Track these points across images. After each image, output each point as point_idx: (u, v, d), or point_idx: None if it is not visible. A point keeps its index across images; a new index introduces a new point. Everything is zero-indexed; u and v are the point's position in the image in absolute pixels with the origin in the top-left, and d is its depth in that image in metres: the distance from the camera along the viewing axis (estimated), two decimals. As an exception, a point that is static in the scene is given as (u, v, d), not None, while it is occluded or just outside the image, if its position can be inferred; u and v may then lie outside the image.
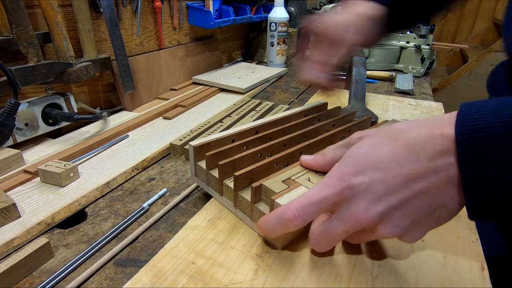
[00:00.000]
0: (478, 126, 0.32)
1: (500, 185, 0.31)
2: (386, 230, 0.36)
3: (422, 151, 0.35)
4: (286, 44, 1.48)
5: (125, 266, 0.46)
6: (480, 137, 0.31)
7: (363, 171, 0.37)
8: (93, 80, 0.95)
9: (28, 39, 0.70)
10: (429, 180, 0.35)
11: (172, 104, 1.03)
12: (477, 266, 0.44)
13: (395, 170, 0.36)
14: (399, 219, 0.36)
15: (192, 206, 0.58)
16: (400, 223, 0.36)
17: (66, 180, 0.62)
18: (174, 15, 1.17)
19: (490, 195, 0.32)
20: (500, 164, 0.31)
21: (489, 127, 0.31)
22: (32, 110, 0.75)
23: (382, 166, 0.36)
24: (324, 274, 0.43)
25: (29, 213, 0.54)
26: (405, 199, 0.35)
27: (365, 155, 0.38)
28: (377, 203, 0.36)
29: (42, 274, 0.45)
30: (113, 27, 0.91)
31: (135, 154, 0.74)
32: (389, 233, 0.36)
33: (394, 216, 0.36)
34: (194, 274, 0.42)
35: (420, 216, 0.36)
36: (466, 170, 0.33)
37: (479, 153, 0.31)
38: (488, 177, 0.31)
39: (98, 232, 0.52)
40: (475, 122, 0.32)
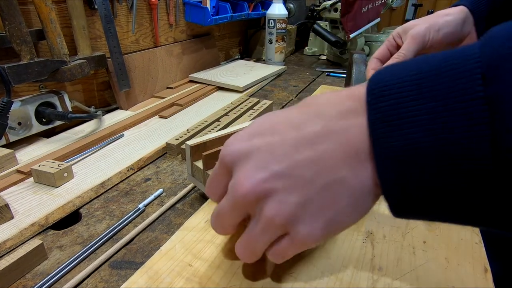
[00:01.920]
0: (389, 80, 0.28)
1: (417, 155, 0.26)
2: (272, 207, 0.30)
3: (323, 113, 0.31)
4: (284, 42, 1.48)
5: (120, 268, 0.46)
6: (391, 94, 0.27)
7: (252, 136, 0.33)
8: (87, 78, 0.95)
9: (21, 36, 0.70)
10: (322, 145, 0.30)
11: (168, 103, 1.03)
12: (480, 268, 0.44)
13: (289, 134, 0.31)
14: (285, 193, 0.30)
15: (189, 207, 0.58)
16: (287, 199, 0.30)
17: (60, 180, 0.62)
18: (171, 12, 1.17)
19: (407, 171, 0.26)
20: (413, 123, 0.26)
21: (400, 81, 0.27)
22: (25, 109, 0.75)
23: (274, 130, 0.32)
24: (324, 276, 0.43)
25: (22, 214, 0.54)
26: (291, 166, 0.30)
27: (260, 121, 0.34)
28: (260, 170, 0.31)
29: (35, 277, 0.45)
30: (108, 24, 0.91)
31: (131, 154, 0.74)
32: (276, 212, 0.30)
33: (280, 189, 0.30)
34: (191, 276, 0.42)
35: (311, 193, 0.30)
36: (376, 135, 0.27)
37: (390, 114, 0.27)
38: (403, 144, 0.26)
39: (93, 233, 0.52)
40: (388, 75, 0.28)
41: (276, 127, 0.32)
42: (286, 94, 1.17)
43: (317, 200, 0.30)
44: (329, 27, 1.57)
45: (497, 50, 0.24)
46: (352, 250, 0.47)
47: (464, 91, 0.24)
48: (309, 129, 0.31)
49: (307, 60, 1.69)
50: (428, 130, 0.25)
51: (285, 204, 0.30)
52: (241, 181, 0.31)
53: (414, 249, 0.47)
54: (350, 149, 0.29)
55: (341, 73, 1.42)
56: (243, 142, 0.33)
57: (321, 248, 0.47)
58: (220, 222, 0.37)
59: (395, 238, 0.49)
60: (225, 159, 0.34)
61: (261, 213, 0.31)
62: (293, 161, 0.30)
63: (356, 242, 0.48)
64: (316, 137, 0.30)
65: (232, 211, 0.34)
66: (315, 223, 0.31)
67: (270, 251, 0.34)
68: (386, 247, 0.47)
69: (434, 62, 0.26)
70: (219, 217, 0.36)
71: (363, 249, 0.47)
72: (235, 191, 0.32)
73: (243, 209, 0.33)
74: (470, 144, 0.24)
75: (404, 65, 0.28)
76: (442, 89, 0.25)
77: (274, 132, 0.32)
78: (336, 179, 0.30)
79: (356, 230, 0.50)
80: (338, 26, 1.51)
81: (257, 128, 0.34)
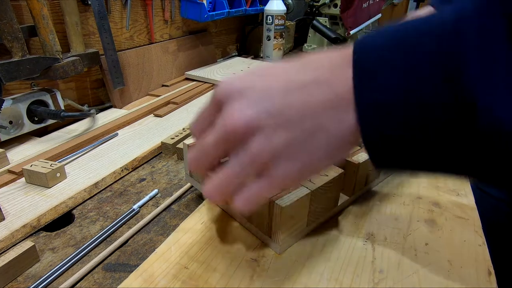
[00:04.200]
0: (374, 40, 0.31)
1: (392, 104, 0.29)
2: (258, 143, 0.32)
3: (315, 66, 0.34)
4: (283, 38, 1.48)
5: (114, 270, 0.46)
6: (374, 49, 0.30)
7: (246, 78, 0.35)
8: (80, 76, 0.95)
9: (12, 32, 0.70)
10: (311, 91, 0.33)
11: (163, 101, 1.02)
12: (484, 271, 0.44)
13: (282, 79, 0.34)
14: (273, 131, 0.32)
15: (185, 208, 0.58)
16: (274, 136, 0.32)
17: (53, 180, 0.62)
18: (166, 8, 1.17)
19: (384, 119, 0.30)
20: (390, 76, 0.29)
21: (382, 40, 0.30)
22: (17, 107, 0.75)
23: (268, 74, 0.35)
24: (323, 279, 0.43)
25: (13, 215, 0.54)
26: (281, 107, 0.33)
27: (256, 68, 0.37)
28: (252, 106, 0.33)
29: (27, 279, 0.45)
30: (101, 20, 0.91)
31: (125, 154, 0.73)
32: (262, 147, 0.32)
33: (268, 126, 0.32)
34: (187, 279, 0.42)
35: (296, 134, 0.32)
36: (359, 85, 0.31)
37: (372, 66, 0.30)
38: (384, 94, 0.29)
39: (86, 235, 0.52)
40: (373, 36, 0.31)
41: (271, 72, 0.35)
42: (284, 92, 1.17)
43: (300, 141, 0.33)
44: (328, 23, 1.57)
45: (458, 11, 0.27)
46: (352, 252, 0.47)
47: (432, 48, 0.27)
48: (302, 77, 0.33)
49: (306, 57, 1.69)
50: (401, 83, 0.28)
51: (271, 141, 0.32)
52: (232, 114, 0.33)
53: (416, 251, 0.47)
54: (336, 97, 0.32)
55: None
56: (238, 80, 0.35)
57: (321, 250, 0.47)
58: (200, 157, 0.37)
59: (396, 240, 0.49)
60: (218, 94, 0.35)
61: (247, 148, 0.33)
62: (284, 102, 0.33)
63: (357, 244, 0.48)
64: (307, 84, 0.33)
65: (217, 144, 0.35)
66: (294, 164, 0.33)
67: (241, 195, 0.35)
68: (387, 249, 0.47)
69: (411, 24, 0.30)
70: (200, 150, 0.37)
71: (364, 251, 0.47)
72: (225, 123, 0.33)
73: (227, 143, 0.34)
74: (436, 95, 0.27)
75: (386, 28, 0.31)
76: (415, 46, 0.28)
77: (269, 76, 0.35)
78: (320, 124, 0.32)
79: (356, 231, 0.50)
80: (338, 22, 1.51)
81: (252, 72, 0.36)
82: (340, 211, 0.55)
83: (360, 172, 0.54)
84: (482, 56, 0.25)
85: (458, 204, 0.57)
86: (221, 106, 0.35)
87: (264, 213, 0.45)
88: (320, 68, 0.34)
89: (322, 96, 0.32)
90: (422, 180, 0.63)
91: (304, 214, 0.47)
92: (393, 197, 0.58)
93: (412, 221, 0.53)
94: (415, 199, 0.58)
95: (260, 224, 0.47)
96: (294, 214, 0.45)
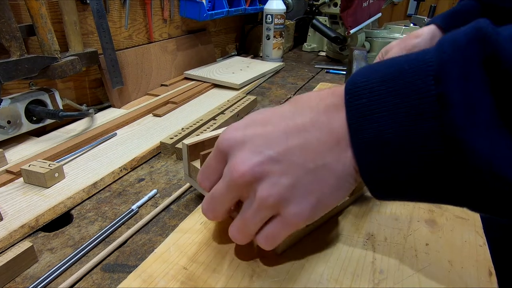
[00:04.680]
0: (363, 82, 0.33)
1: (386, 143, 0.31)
2: (265, 188, 0.35)
3: (311, 107, 0.36)
4: (282, 37, 1.48)
5: (113, 271, 0.46)
6: (364, 92, 0.32)
7: (247, 127, 0.38)
8: (79, 75, 0.95)
9: (10, 32, 0.69)
10: (310, 134, 0.35)
11: (162, 101, 1.02)
12: (485, 272, 0.44)
13: (281, 124, 0.36)
14: (278, 175, 0.35)
15: (184, 208, 0.58)
16: (279, 181, 0.35)
17: (51, 180, 0.62)
18: (165, 7, 1.17)
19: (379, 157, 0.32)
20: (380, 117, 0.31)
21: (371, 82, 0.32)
22: (15, 107, 0.75)
23: (267, 122, 0.37)
24: (323, 279, 0.43)
25: (11, 216, 0.54)
26: (284, 152, 0.35)
27: (254, 115, 0.39)
28: (256, 154, 0.35)
29: (25, 280, 0.44)
30: (100, 20, 0.91)
31: (124, 154, 0.73)
32: (268, 193, 0.35)
33: (273, 172, 0.35)
34: (186, 280, 0.42)
35: (300, 175, 0.35)
36: (353, 128, 0.33)
37: (363, 110, 0.32)
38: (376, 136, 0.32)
39: (85, 235, 0.52)
40: (362, 77, 0.33)
41: (269, 119, 0.37)
42: (284, 92, 1.17)
43: (305, 182, 0.35)
44: (328, 22, 1.57)
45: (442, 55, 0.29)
46: (352, 253, 0.47)
47: (419, 90, 0.30)
48: (299, 120, 0.36)
49: (306, 57, 1.69)
50: (392, 123, 0.31)
51: (277, 185, 0.35)
52: (238, 164, 0.35)
53: (416, 251, 0.47)
54: (334, 138, 0.34)
55: (341, 70, 1.42)
56: (238, 131, 0.37)
57: (320, 250, 0.47)
58: (213, 206, 0.40)
59: (396, 240, 0.49)
60: (221, 146, 0.38)
61: (255, 194, 0.36)
62: (285, 147, 0.35)
63: (357, 245, 0.48)
64: (305, 127, 0.35)
65: (227, 193, 0.38)
66: (304, 204, 0.35)
67: (261, 234, 0.38)
68: (387, 250, 0.47)
69: (399, 64, 0.32)
70: (213, 201, 0.40)
71: (364, 252, 0.47)
72: (232, 173, 0.36)
73: (237, 191, 0.37)
74: (425, 134, 0.29)
75: (375, 67, 0.34)
76: (403, 88, 0.31)
77: (267, 123, 0.37)
78: (322, 164, 0.35)
79: (356, 232, 0.50)
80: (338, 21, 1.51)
81: (251, 120, 0.38)
82: (340, 211, 0.55)
83: (360, 172, 0.54)
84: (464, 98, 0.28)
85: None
86: (226, 157, 0.38)
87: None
88: (315, 110, 0.36)
89: (320, 137, 0.35)
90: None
91: (304, 214, 0.47)
92: (393, 197, 0.58)
93: (412, 222, 0.53)
94: (415, 199, 0.58)
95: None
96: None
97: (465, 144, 0.28)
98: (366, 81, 0.33)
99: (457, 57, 0.29)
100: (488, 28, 0.28)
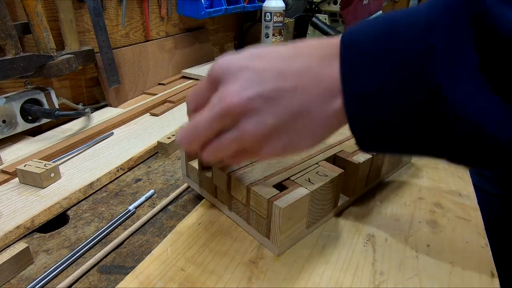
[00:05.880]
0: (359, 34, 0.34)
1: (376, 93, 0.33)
2: (251, 123, 0.36)
3: (307, 54, 0.37)
4: (282, 36, 1.48)
5: (109, 273, 0.46)
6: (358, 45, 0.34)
7: (243, 58, 0.38)
8: (75, 74, 0.95)
9: (5, 30, 0.69)
10: (303, 78, 0.36)
11: (160, 100, 1.02)
12: (487, 273, 0.44)
13: (276, 63, 0.37)
14: (265, 113, 0.36)
15: (182, 209, 0.58)
16: (265, 119, 0.36)
17: (47, 181, 0.62)
18: (162, 5, 1.17)
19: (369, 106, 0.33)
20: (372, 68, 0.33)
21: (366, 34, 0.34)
22: (10, 106, 0.75)
23: (264, 58, 0.38)
24: (323, 281, 0.43)
25: (7, 216, 0.54)
26: (274, 91, 0.36)
27: (253, 50, 0.40)
28: (247, 88, 0.36)
29: (21, 282, 0.44)
30: (97, 17, 0.91)
31: (120, 153, 0.73)
32: (253, 128, 0.36)
33: (261, 109, 0.36)
34: (184, 281, 0.42)
35: (285, 116, 0.36)
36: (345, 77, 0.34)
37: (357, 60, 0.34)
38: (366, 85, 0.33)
39: (81, 236, 0.52)
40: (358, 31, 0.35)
41: (267, 56, 0.38)
42: (283, 91, 1.17)
43: (287, 124, 0.36)
44: (328, 20, 1.57)
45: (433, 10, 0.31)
46: (352, 254, 0.47)
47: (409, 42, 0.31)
48: (294, 65, 0.37)
49: (306, 55, 1.69)
50: (383, 73, 0.32)
51: (263, 123, 0.36)
52: (229, 94, 0.36)
53: (417, 253, 0.47)
54: (324, 87, 0.36)
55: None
56: (234, 60, 0.38)
57: (320, 251, 0.47)
58: (193, 134, 0.40)
59: (397, 241, 0.49)
60: (215, 72, 0.39)
61: (240, 126, 0.37)
62: (277, 86, 0.36)
63: (357, 246, 0.48)
64: (299, 72, 0.36)
65: (212, 121, 0.38)
66: (279, 143, 0.37)
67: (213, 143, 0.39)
68: (388, 251, 0.47)
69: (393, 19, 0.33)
70: (194, 128, 0.39)
71: (364, 253, 0.47)
72: (221, 102, 0.36)
73: (222, 121, 0.37)
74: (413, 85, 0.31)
75: (371, 22, 0.35)
76: (395, 40, 0.32)
77: (264, 58, 0.38)
78: (307, 110, 0.36)
79: (356, 233, 0.50)
80: (338, 19, 1.51)
81: (249, 53, 0.39)
82: (340, 212, 0.55)
83: (360, 172, 0.54)
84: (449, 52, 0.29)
85: (460, 204, 0.57)
86: (217, 85, 0.38)
87: (263, 214, 0.45)
88: (312, 57, 0.37)
89: (312, 83, 0.36)
90: (423, 181, 0.63)
91: (303, 215, 0.47)
92: (394, 198, 0.58)
93: (413, 222, 0.53)
94: (416, 200, 0.58)
95: (259, 225, 0.47)
96: (293, 215, 0.45)
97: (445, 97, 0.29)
98: (361, 34, 0.34)
99: (446, 12, 0.30)
100: None
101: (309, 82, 0.36)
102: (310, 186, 0.46)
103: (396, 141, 0.35)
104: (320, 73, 0.36)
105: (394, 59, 0.32)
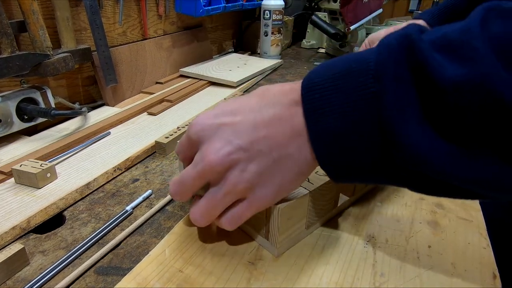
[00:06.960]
0: (317, 78, 0.37)
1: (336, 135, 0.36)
2: (235, 176, 0.39)
3: (275, 102, 0.40)
4: (281, 34, 1.48)
5: (106, 274, 0.46)
6: (317, 89, 0.37)
7: (217, 116, 0.41)
8: (72, 72, 0.95)
9: (1, 28, 0.69)
10: (275, 127, 0.39)
11: (157, 99, 1.02)
12: (489, 275, 0.44)
13: (249, 116, 0.40)
14: (246, 162, 0.39)
15: (180, 209, 0.58)
16: (248, 168, 0.39)
17: (43, 181, 0.62)
18: (160, 2, 1.17)
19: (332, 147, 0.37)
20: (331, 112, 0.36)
21: (324, 79, 0.37)
22: (6, 105, 0.74)
23: (236, 113, 0.41)
24: (322, 282, 0.43)
25: (2, 217, 0.54)
26: (251, 142, 0.39)
27: (224, 105, 0.43)
28: (226, 144, 0.39)
29: (16, 283, 0.44)
30: (93, 15, 0.91)
31: (118, 153, 0.73)
32: (238, 179, 0.39)
33: (242, 159, 0.39)
34: (182, 282, 0.42)
35: (267, 164, 0.39)
36: (309, 122, 0.37)
37: (317, 105, 0.37)
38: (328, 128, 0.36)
39: (78, 237, 0.52)
40: (317, 74, 0.38)
41: (238, 110, 0.41)
42: (282, 90, 1.16)
43: (271, 170, 0.40)
44: (328, 18, 1.57)
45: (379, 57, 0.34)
46: (352, 255, 0.47)
47: (361, 87, 0.34)
48: (265, 114, 0.40)
49: (305, 54, 1.69)
50: (340, 117, 0.35)
51: (246, 172, 0.39)
52: (209, 154, 0.39)
53: (418, 254, 0.47)
54: (295, 131, 0.39)
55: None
56: (209, 120, 0.41)
57: (320, 252, 0.47)
58: (182, 190, 0.43)
59: (398, 242, 0.49)
60: (193, 134, 0.42)
61: (226, 180, 0.40)
62: (253, 137, 0.39)
63: (357, 247, 0.48)
64: (270, 121, 0.39)
65: (197, 179, 0.41)
66: (269, 188, 0.40)
67: (226, 216, 0.43)
68: (388, 252, 0.47)
69: (348, 63, 0.36)
70: (182, 185, 0.43)
71: (364, 254, 0.47)
72: (203, 162, 0.40)
73: (207, 177, 0.41)
74: (367, 129, 0.34)
75: (330, 64, 0.38)
76: (349, 85, 0.35)
77: (237, 114, 0.41)
78: (286, 154, 0.39)
79: (356, 234, 0.50)
80: (337, 17, 1.51)
81: (221, 110, 0.42)
82: (340, 212, 0.55)
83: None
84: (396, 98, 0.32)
85: (461, 205, 0.57)
86: (198, 144, 0.42)
87: (262, 215, 0.45)
88: (279, 104, 0.40)
89: (284, 130, 0.39)
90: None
91: (302, 216, 0.47)
92: (395, 198, 0.58)
93: (414, 223, 0.53)
94: (417, 200, 0.58)
95: (258, 226, 0.47)
96: (292, 216, 0.45)
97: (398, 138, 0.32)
98: (320, 78, 0.37)
99: (391, 60, 0.33)
100: (414, 35, 0.32)
101: (281, 128, 0.39)
102: (309, 186, 0.46)
103: (361, 175, 0.38)
104: (289, 120, 0.39)
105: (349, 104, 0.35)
